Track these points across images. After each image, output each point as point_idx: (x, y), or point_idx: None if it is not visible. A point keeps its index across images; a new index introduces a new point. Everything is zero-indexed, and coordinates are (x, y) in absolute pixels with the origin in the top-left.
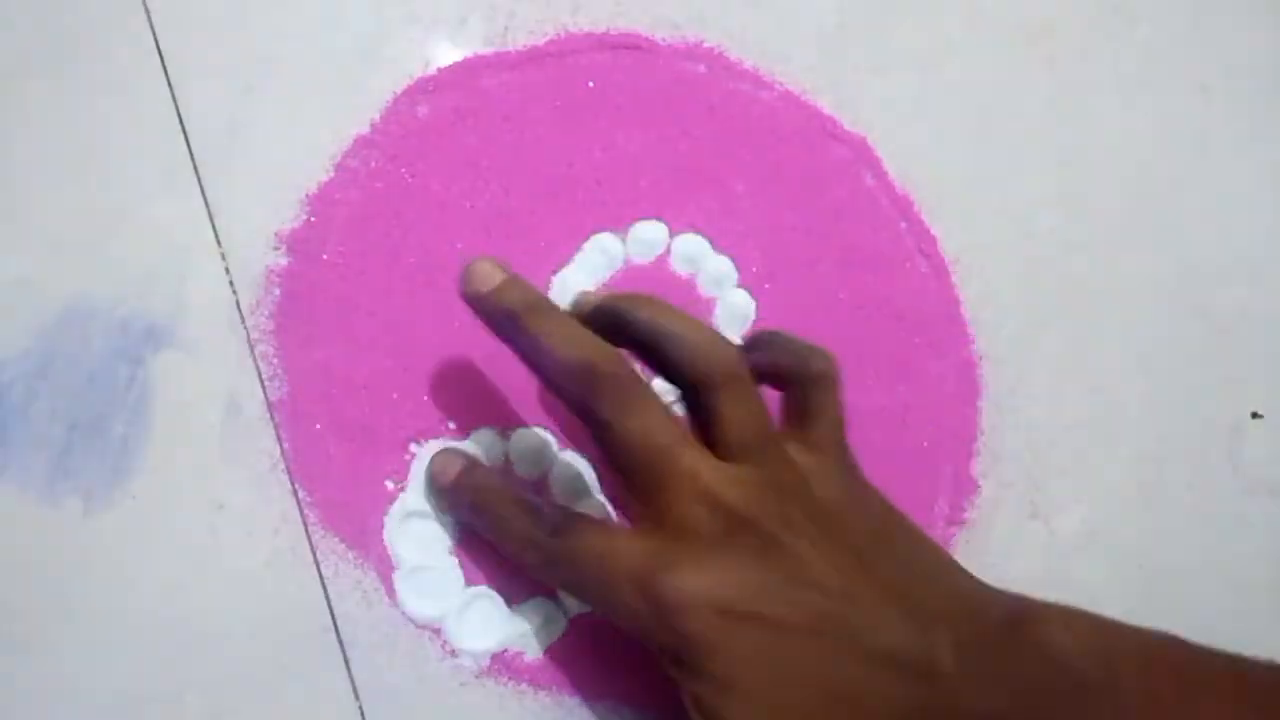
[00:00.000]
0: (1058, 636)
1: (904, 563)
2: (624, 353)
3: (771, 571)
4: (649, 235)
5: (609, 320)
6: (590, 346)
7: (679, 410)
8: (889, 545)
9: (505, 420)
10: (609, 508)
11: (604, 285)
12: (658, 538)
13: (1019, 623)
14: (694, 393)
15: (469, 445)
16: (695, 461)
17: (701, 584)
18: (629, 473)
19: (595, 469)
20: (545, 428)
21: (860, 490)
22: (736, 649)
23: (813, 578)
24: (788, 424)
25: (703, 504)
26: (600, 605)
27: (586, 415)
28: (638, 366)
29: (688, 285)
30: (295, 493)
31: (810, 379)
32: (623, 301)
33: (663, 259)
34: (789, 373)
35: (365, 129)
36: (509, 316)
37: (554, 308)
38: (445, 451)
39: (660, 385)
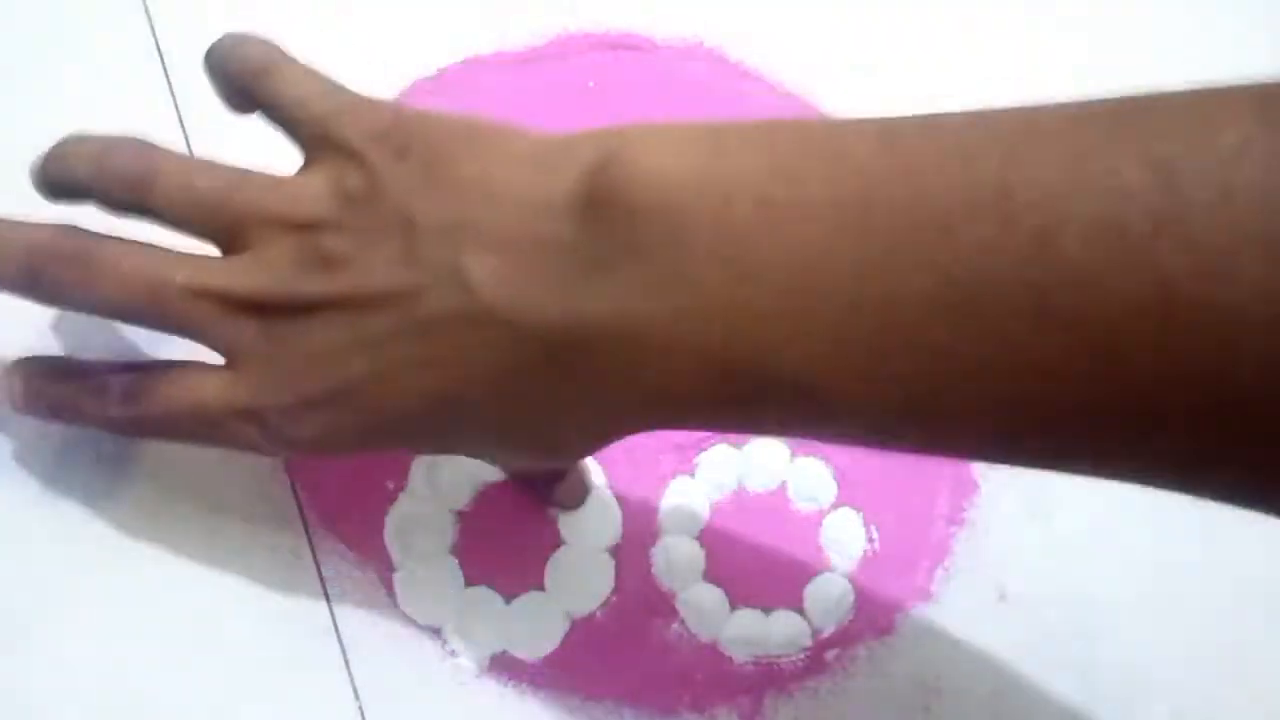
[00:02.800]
0: (635, 184)
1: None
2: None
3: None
4: None
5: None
6: (35, 233)
7: None
8: (449, 159)
9: None
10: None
11: None
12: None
13: (582, 192)
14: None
15: None
16: (191, 275)
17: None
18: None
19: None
20: None
21: (394, 115)
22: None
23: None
24: None
25: (226, 317)
26: (207, 444)
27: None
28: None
29: None
30: (295, 493)
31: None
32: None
33: None
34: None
35: None
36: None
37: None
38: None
39: None
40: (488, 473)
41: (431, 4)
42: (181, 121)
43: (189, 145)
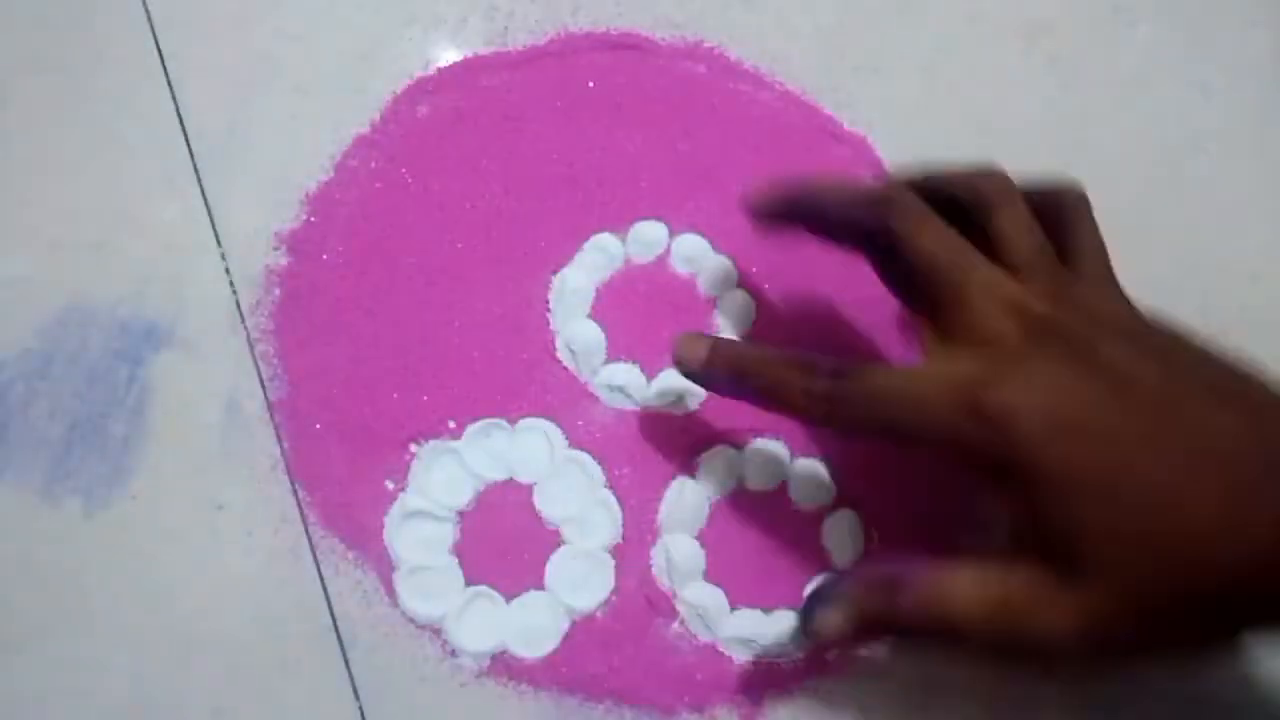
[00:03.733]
0: None
1: (1212, 364)
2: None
3: (1092, 380)
4: (649, 235)
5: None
6: (877, 187)
7: None
8: (1191, 349)
9: (506, 414)
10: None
11: (604, 285)
12: (964, 356)
13: None
14: (974, 217)
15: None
16: (993, 273)
17: (1029, 397)
18: (926, 287)
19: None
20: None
21: (1147, 315)
22: (1070, 457)
23: (1132, 382)
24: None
25: (1008, 314)
26: (908, 432)
27: (880, 236)
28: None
29: (688, 285)
30: (295, 493)
31: (1067, 209)
32: (890, 182)
33: (663, 259)
34: (1042, 205)
35: (365, 129)
36: (794, 193)
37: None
38: (685, 336)
39: None
40: (488, 473)
41: (431, 4)
42: (182, 121)
43: (189, 145)
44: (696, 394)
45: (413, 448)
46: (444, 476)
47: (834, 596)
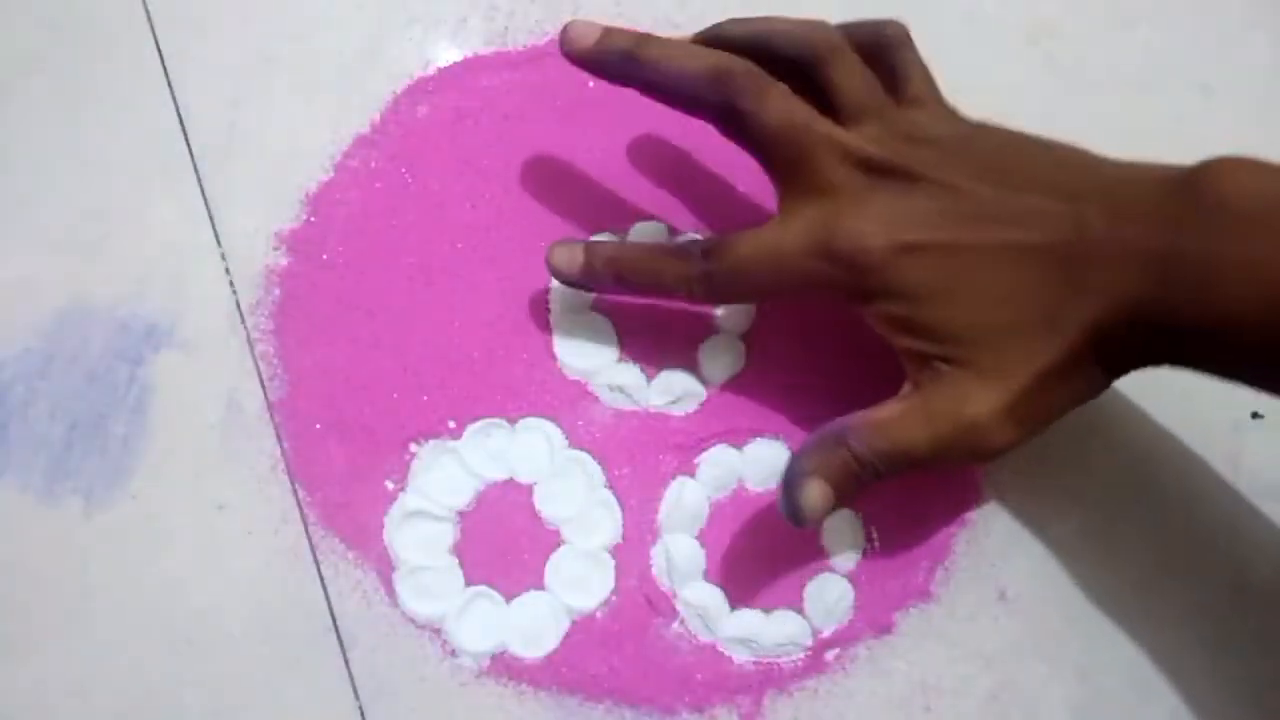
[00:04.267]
0: (1226, 181)
1: (1043, 162)
2: None
3: (926, 201)
4: (649, 235)
5: (708, 43)
6: (712, 55)
7: None
8: (1023, 151)
9: (506, 414)
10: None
11: None
12: (812, 207)
13: (1180, 179)
14: (806, 71)
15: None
16: (830, 128)
17: (870, 226)
18: (773, 152)
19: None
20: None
21: (973, 123)
22: (917, 269)
23: (961, 195)
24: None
25: (846, 162)
26: (779, 290)
27: (726, 114)
28: None
29: None
30: (295, 493)
31: (889, 43)
32: (714, 27)
33: None
34: (867, 44)
35: (365, 129)
36: (624, 56)
37: (659, 37)
38: (558, 244)
39: None
40: (488, 472)
41: (431, 4)
42: (182, 121)
43: (189, 145)
44: (696, 394)
45: (413, 448)
46: (444, 476)
47: (801, 474)
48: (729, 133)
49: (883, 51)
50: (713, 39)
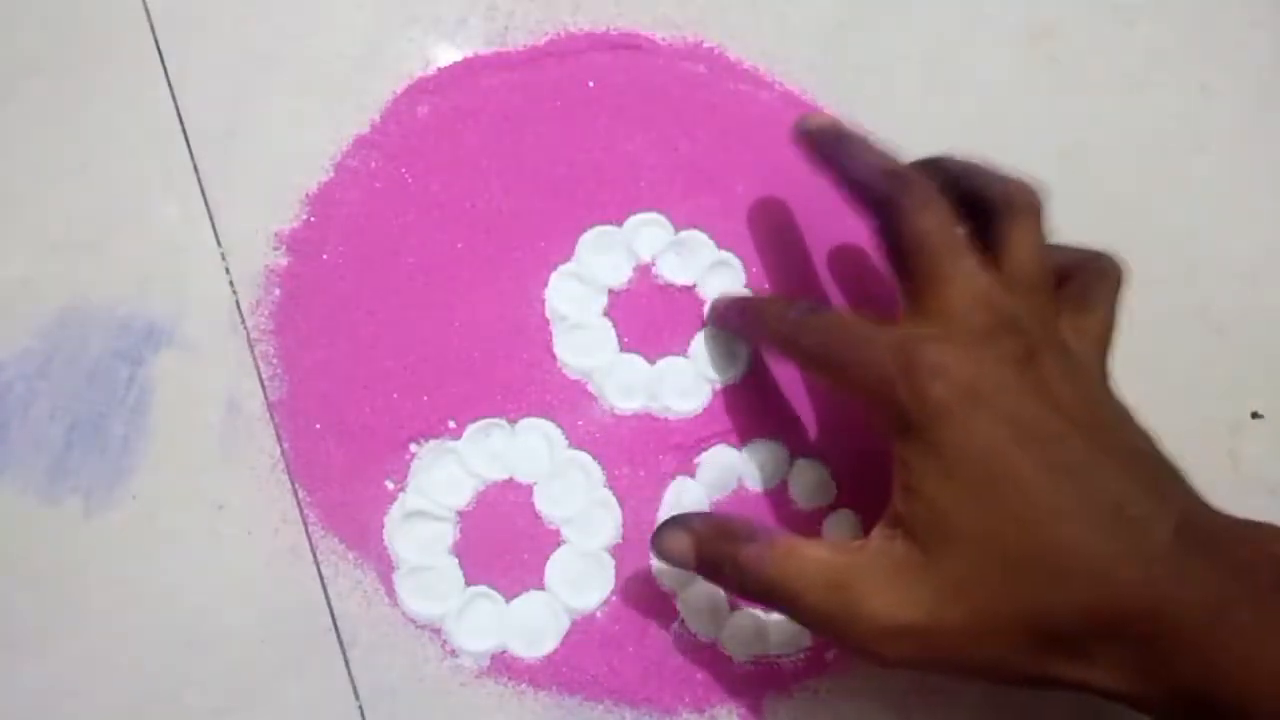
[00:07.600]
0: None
1: (1145, 452)
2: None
3: (1025, 377)
4: (647, 227)
5: (921, 166)
6: (901, 163)
7: None
8: (1133, 432)
9: (506, 414)
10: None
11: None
12: (922, 323)
13: (1246, 530)
14: (992, 218)
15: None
16: (980, 266)
17: (958, 360)
18: (912, 263)
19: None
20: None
21: (1115, 397)
22: (970, 429)
23: (1061, 402)
24: (1063, 299)
25: (978, 304)
26: (845, 366)
27: (884, 206)
28: None
29: (689, 286)
30: (295, 493)
31: (1099, 271)
32: (929, 160)
33: (664, 258)
34: (1079, 260)
35: (365, 129)
36: (836, 138)
37: (872, 141)
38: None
39: None
40: (488, 472)
41: (432, 4)
42: (182, 121)
43: (189, 145)
44: (696, 394)
45: (413, 448)
46: (444, 476)
47: (685, 524)
48: (881, 230)
49: (1088, 273)
50: (922, 164)
